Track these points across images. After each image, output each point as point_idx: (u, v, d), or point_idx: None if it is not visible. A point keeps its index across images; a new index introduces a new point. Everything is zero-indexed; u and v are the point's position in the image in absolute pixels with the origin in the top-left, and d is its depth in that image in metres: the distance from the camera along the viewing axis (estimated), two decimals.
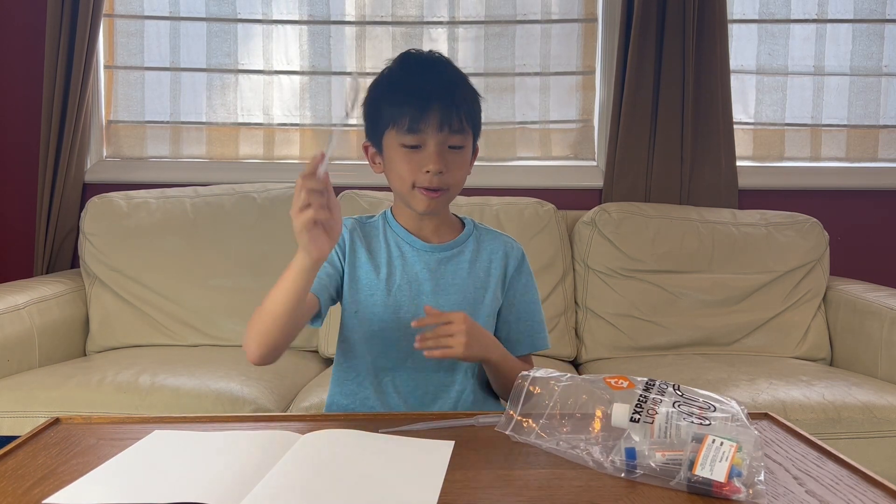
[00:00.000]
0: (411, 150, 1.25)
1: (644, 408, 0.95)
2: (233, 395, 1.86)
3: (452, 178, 1.27)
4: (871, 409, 1.83)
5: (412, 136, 1.24)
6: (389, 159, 1.29)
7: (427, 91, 1.24)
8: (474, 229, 1.38)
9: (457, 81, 1.28)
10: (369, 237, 1.35)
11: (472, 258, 1.35)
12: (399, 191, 1.30)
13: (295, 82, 2.78)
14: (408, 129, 1.24)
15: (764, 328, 2.39)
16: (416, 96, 1.24)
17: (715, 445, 0.87)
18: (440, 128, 1.23)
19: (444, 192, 1.27)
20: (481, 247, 1.36)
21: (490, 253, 1.36)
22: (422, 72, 1.28)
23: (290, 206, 1.05)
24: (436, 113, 1.23)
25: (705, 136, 2.62)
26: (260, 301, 1.20)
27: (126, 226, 2.43)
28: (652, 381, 1.02)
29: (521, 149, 2.78)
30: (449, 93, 1.25)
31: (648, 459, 0.89)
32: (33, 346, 2.13)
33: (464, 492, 0.87)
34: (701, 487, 0.85)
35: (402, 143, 1.25)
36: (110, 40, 2.78)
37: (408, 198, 1.29)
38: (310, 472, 0.90)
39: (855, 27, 2.76)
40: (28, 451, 1.00)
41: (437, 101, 1.23)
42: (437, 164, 1.24)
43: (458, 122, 1.25)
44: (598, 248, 2.45)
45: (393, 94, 1.27)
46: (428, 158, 1.24)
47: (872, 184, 2.76)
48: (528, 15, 2.76)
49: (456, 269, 1.33)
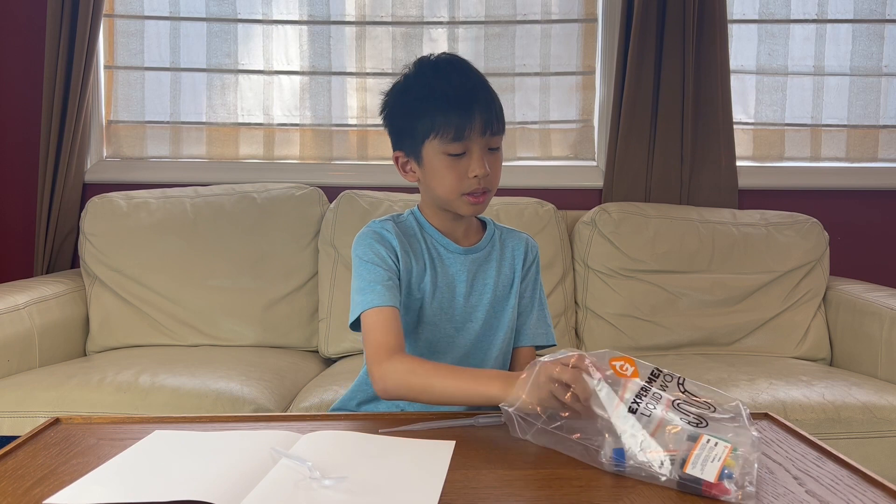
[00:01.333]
0: (456, 157, 1.24)
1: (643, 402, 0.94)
2: (233, 395, 1.86)
3: (495, 179, 1.28)
4: (871, 409, 1.83)
5: (458, 145, 1.23)
6: (432, 168, 1.26)
7: (468, 97, 1.23)
8: (496, 229, 1.40)
9: (483, 82, 1.28)
10: (410, 239, 1.33)
11: (499, 258, 1.36)
12: (444, 198, 1.28)
13: (295, 82, 2.78)
14: (454, 137, 1.22)
15: (764, 328, 2.39)
16: (459, 105, 1.22)
17: (709, 445, 0.87)
18: (483, 132, 1.23)
19: (489, 193, 1.28)
20: (504, 245, 1.38)
21: (513, 250, 1.38)
22: (451, 76, 1.26)
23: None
24: (479, 118, 1.22)
25: (705, 136, 2.62)
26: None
27: (126, 226, 2.43)
28: (657, 371, 0.99)
29: (521, 149, 2.78)
30: (485, 95, 1.25)
31: (639, 457, 0.89)
32: (33, 346, 2.13)
33: (464, 492, 0.87)
34: (690, 486, 0.85)
35: (448, 151, 1.24)
36: (110, 40, 2.78)
37: (455, 204, 1.28)
38: (309, 473, 0.90)
39: (855, 27, 2.76)
40: (28, 451, 1.00)
41: (477, 105, 1.23)
42: (483, 169, 1.23)
43: (497, 123, 1.25)
44: (598, 248, 2.45)
45: (432, 103, 1.23)
46: (476, 164, 1.23)
47: (872, 184, 2.76)
48: (528, 15, 2.76)
49: (487, 271, 1.35)
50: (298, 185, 2.54)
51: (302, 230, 2.45)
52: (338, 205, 2.46)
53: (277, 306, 2.39)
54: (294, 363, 2.22)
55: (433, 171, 1.26)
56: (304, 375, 2.14)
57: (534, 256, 1.41)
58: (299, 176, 2.65)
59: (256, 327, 2.36)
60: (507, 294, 1.36)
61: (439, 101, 1.23)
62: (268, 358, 2.21)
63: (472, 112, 1.22)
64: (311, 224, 2.46)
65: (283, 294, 2.40)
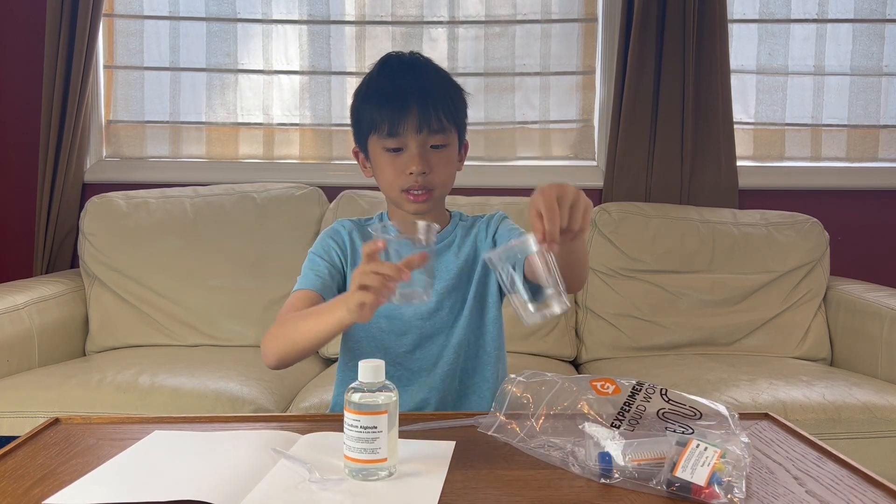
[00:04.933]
0: (394, 153, 1.27)
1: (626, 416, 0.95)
2: (233, 395, 1.86)
3: (437, 177, 1.28)
4: (871, 409, 1.82)
5: (393, 140, 1.26)
6: (375, 164, 1.31)
7: (403, 93, 1.26)
8: (460, 219, 1.40)
9: (434, 81, 1.30)
10: (367, 238, 1.35)
11: (460, 242, 1.37)
12: (388, 194, 1.32)
13: (295, 82, 2.78)
14: (388, 133, 1.26)
15: (764, 328, 2.39)
16: (392, 100, 1.25)
17: (699, 450, 0.87)
18: (419, 129, 1.25)
19: (431, 192, 1.28)
20: (468, 233, 1.38)
21: (476, 232, 1.38)
22: (399, 74, 1.30)
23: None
24: (413, 115, 1.24)
25: (705, 136, 2.62)
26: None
27: (126, 226, 2.43)
28: (639, 384, 1.01)
29: (521, 149, 2.78)
30: (425, 93, 1.26)
31: (626, 464, 0.88)
32: (33, 346, 2.13)
33: (464, 492, 0.87)
34: (680, 490, 0.85)
35: (384, 146, 1.27)
36: (110, 40, 2.78)
37: (397, 201, 1.31)
38: (309, 473, 0.90)
39: (855, 27, 2.75)
40: (28, 451, 1.00)
41: (415, 102, 1.25)
42: (419, 166, 1.25)
43: (437, 122, 1.26)
44: (599, 248, 2.45)
45: (371, 98, 1.29)
46: (410, 160, 1.26)
47: (872, 184, 2.76)
48: (528, 15, 2.76)
49: (447, 259, 1.35)
50: (298, 185, 2.54)
51: (302, 230, 2.44)
52: (337, 205, 2.46)
53: (277, 306, 2.35)
54: None
55: (376, 166, 1.31)
56: (304, 375, 2.14)
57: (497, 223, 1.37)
58: (299, 176, 2.64)
59: (256, 327, 2.36)
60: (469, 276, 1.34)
61: (375, 97, 1.28)
62: None
63: (406, 108, 1.24)
64: (310, 224, 2.46)
65: (283, 294, 2.39)
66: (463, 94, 1.34)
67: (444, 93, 1.29)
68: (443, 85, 1.30)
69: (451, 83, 1.32)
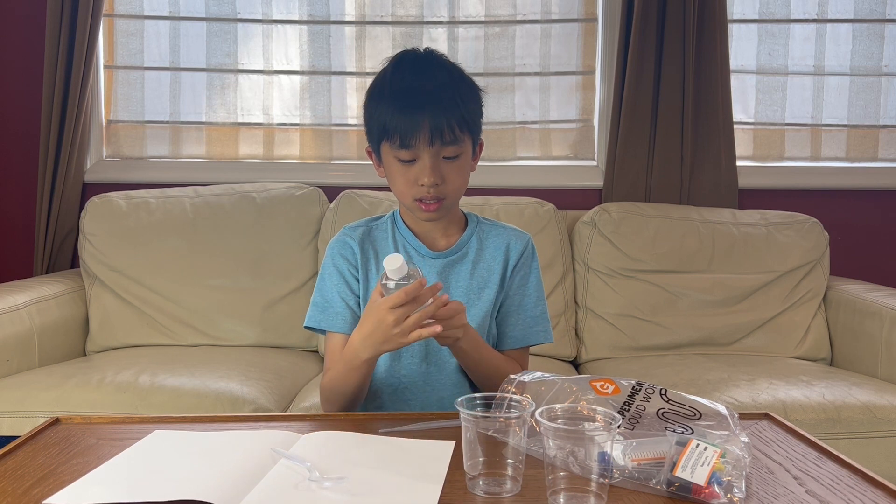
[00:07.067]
0: (406, 163, 1.24)
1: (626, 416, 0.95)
2: (233, 395, 1.86)
3: (450, 187, 1.26)
4: (871, 409, 1.83)
5: (405, 152, 1.23)
6: (388, 170, 1.29)
7: (416, 103, 1.21)
8: (477, 227, 1.37)
9: (447, 84, 1.25)
10: (377, 242, 1.35)
11: (475, 258, 1.34)
12: (400, 200, 1.31)
13: (295, 82, 2.78)
14: (400, 145, 1.23)
15: (764, 328, 2.39)
16: (404, 108, 1.21)
17: (699, 450, 0.87)
18: (431, 142, 1.22)
19: (442, 201, 1.26)
20: (484, 245, 1.35)
21: (493, 250, 1.35)
22: (411, 78, 1.24)
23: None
24: (426, 126, 1.20)
25: (705, 136, 2.62)
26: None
27: (126, 226, 2.43)
28: (639, 384, 1.01)
29: (521, 149, 2.78)
30: (438, 100, 1.21)
31: (626, 464, 0.88)
32: (33, 346, 2.13)
33: (464, 492, 0.87)
34: (680, 490, 0.85)
35: (397, 157, 1.25)
36: (110, 40, 2.78)
37: (409, 208, 1.29)
38: (309, 473, 0.90)
39: (855, 27, 2.75)
40: (28, 451, 1.00)
41: (427, 112, 1.20)
42: (431, 178, 1.23)
43: (449, 133, 1.22)
44: (598, 247, 2.45)
45: (384, 101, 1.24)
46: (422, 172, 1.23)
47: (872, 184, 2.76)
48: (527, 15, 2.76)
49: (459, 273, 1.33)
50: (298, 184, 2.54)
51: (302, 230, 2.44)
52: (338, 205, 2.46)
53: (277, 306, 2.39)
54: (294, 363, 2.22)
55: (388, 172, 1.29)
56: (304, 375, 2.14)
57: (518, 255, 1.35)
58: (299, 176, 2.64)
59: (256, 327, 2.36)
60: (478, 296, 1.32)
61: (388, 103, 1.24)
62: (267, 358, 2.21)
63: (418, 120, 1.20)
64: (310, 224, 2.46)
65: (282, 294, 2.40)
66: (478, 94, 1.30)
67: (458, 96, 1.24)
68: (455, 87, 1.25)
69: (466, 84, 1.28)
